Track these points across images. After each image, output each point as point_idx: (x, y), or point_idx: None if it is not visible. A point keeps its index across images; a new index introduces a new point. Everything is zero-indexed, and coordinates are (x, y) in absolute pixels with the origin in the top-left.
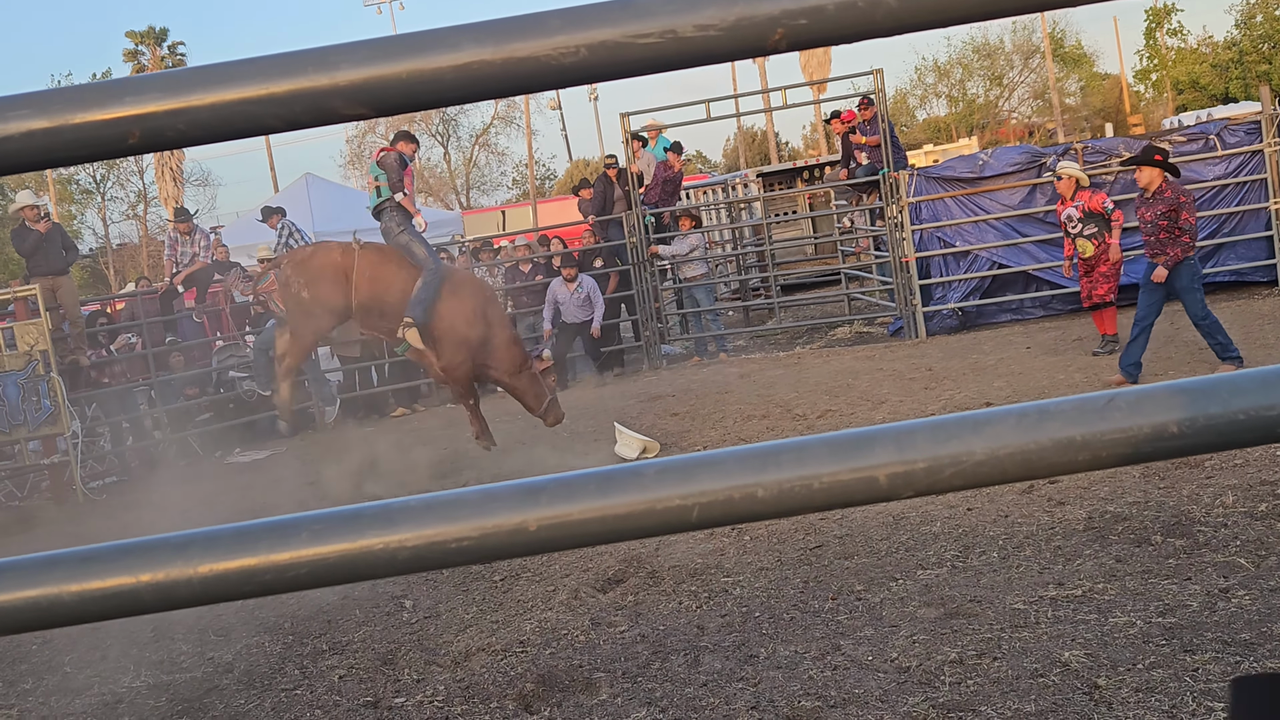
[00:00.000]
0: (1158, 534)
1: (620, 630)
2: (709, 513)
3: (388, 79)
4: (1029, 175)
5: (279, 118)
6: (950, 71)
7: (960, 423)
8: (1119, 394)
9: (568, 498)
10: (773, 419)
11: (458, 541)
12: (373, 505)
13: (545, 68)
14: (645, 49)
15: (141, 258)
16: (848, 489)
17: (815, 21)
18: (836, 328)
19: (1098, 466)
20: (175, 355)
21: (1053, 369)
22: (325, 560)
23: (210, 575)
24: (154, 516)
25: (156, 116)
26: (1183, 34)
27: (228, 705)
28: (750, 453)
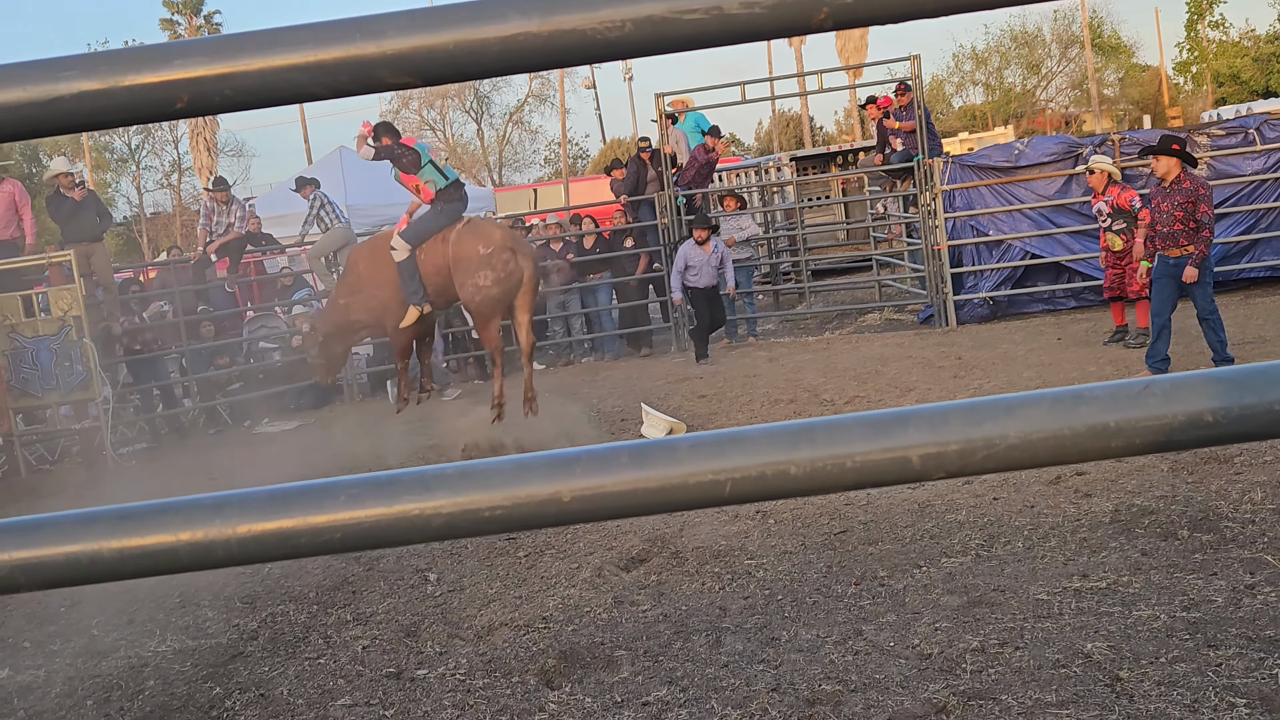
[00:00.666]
0: (1184, 528)
1: (643, 609)
2: (741, 488)
3: (434, 49)
4: (1065, 166)
5: (325, 85)
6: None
7: (994, 405)
8: (1154, 381)
9: (601, 470)
10: (800, 404)
11: (491, 510)
12: (409, 472)
13: (590, 41)
14: (690, 25)
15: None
16: (880, 468)
17: (861, 0)
18: (866, 314)
19: (1131, 453)
20: (206, 324)
21: (1083, 361)
22: (361, 525)
23: (248, 536)
24: (183, 483)
25: (204, 81)
26: (1224, 26)
27: (252, 672)
28: (784, 430)
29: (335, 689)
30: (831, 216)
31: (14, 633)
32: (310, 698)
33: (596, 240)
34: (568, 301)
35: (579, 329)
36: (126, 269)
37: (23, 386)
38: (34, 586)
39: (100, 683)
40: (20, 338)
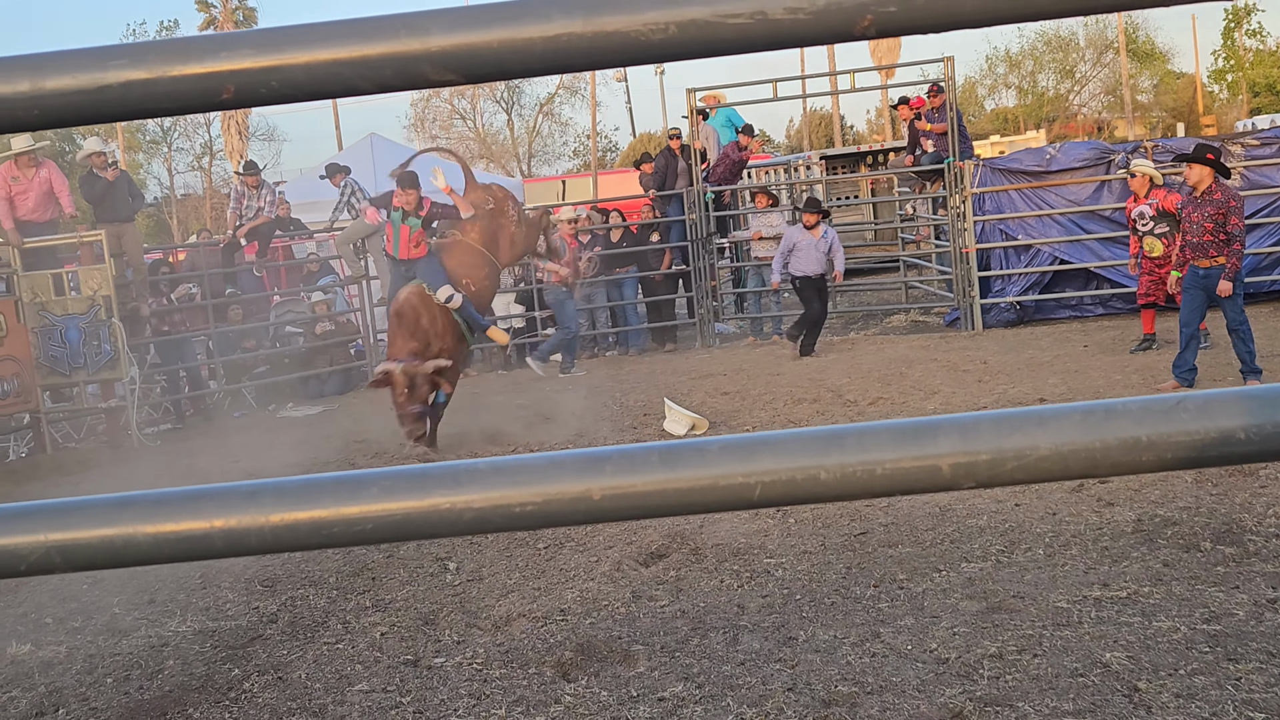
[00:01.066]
0: (1207, 540)
1: (661, 604)
2: (771, 492)
3: (478, 47)
4: (1097, 172)
5: (369, 80)
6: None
7: (1025, 417)
8: (1187, 396)
9: (631, 469)
10: (823, 403)
11: (521, 506)
12: (441, 466)
13: (634, 43)
14: (734, 29)
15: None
16: (910, 476)
17: (904, 9)
18: (892, 315)
19: (1163, 468)
20: (234, 308)
21: (1109, 369)
22: (392, 517)
23: (281, 525)
24: (207, 465)
25: (251, 73)
26: (1262, 35)
27: (270, 655)
28: (814, 435)
29: (353, 674)
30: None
31: (37, 608)
32: (328, 682)
33: (624, 234)
34: (594, 295)
35: (604, 322)
36: (156, 250)
37: (51, 364)
38: (70, 568)
39: (120, 661)
40: (50, 315)
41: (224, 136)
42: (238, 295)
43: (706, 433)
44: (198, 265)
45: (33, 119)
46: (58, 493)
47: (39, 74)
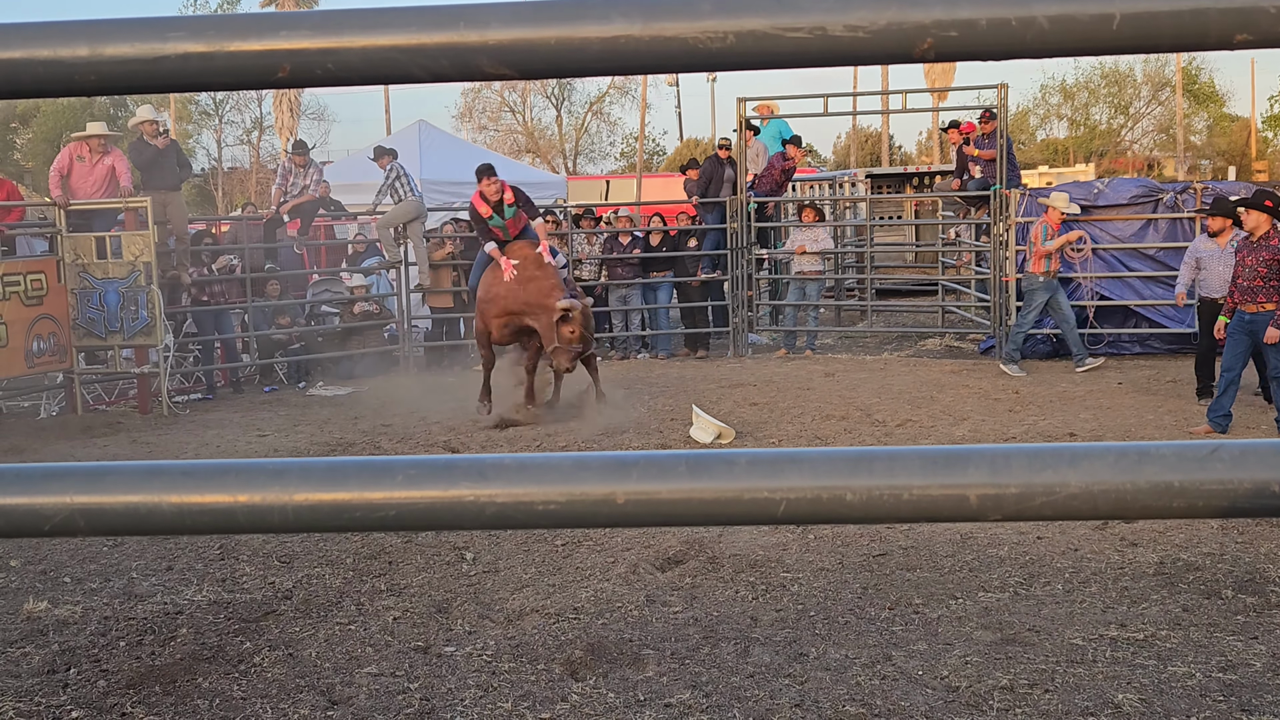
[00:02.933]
0: (1229, 588)
1: (674, 610)
2: (795, 509)
3: (535, 43)
4: (1144, 210)
5: (425, 69)
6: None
7: (1057, 453)
8: (1223, 445)
9: (658, 476)
10: (851, 421)
11: (545, 504)
12: (467, 458)
13: (691, 50)
14: (793, 43)
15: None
16: (936, 504)
17: (965, 35)
18: (927, 338)
19: (1193, 515)
20: (273, 283)
21: (1142, 408)
22: (416, 505)
23: (304, 504)
24: (233, 437)
25: (308, 54)
26: None
27: (283, 630)
28: (843, 455)
29: (363, 656)
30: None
31: (56, 566)
32: (337, 663)
33: (663, 238)
34: (629, 296)
35: (637, 325)
36: (200, 220)
37: (87, 326)
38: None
39: (134, 625)
40: (90, 278)
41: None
42: (277, 271)
43: (733, 443)
44: (239, 238)
45: (90, 84)
46: (84, 454)
47: (98, 40)
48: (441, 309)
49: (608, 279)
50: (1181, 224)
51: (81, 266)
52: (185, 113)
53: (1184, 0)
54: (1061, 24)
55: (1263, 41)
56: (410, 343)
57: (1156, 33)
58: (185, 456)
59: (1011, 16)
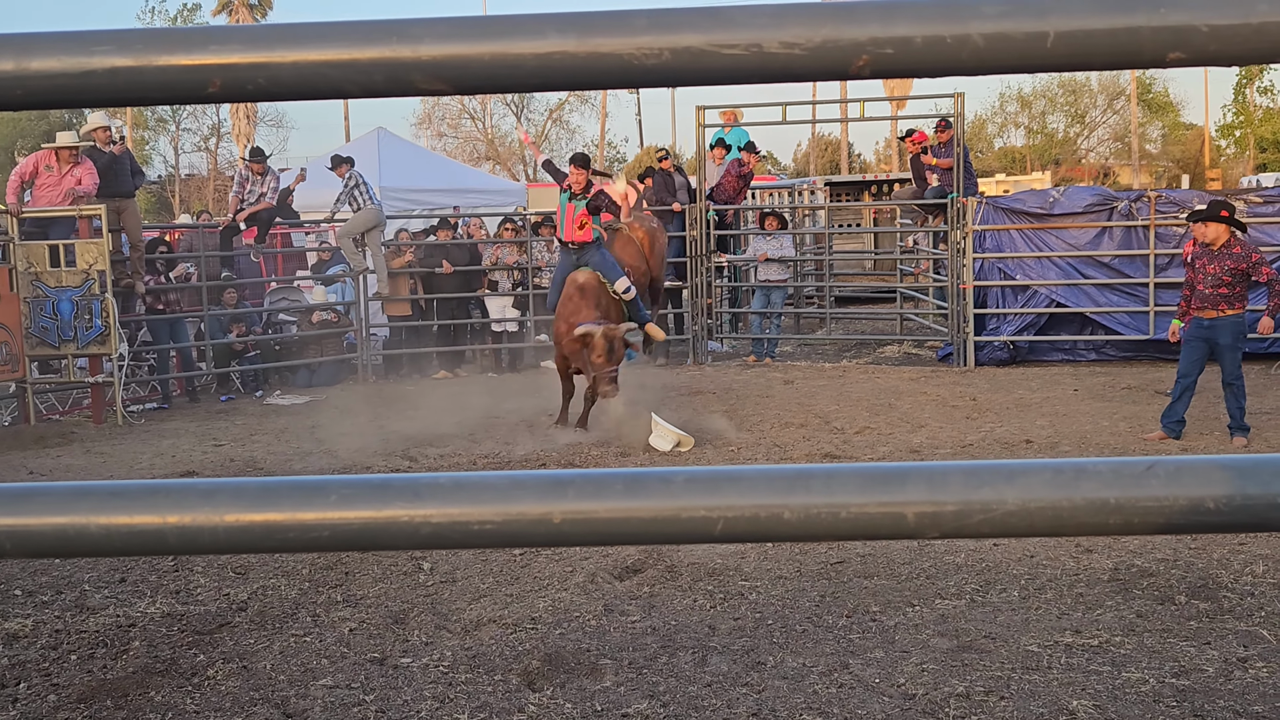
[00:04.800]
0: (1182, 594)
1: (632, 620)
2: (733, 528)
3: (469, 58)
4: (1099, 218)
5: (357, 84)
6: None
7: (994, 470)
8: (1159, 461)
9: (595, 494)
10: (810, 429)
11: (480, 524)
12: (402, 477)
13: (626, 66)
14: (728, 59)
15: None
16: (874, 522)
17: (901, 52)
18: (885, 345)
19: (1129, 532)
20: (229, 291)
21: (1097, 414)
22: (349, 525)
23: (235, 525)
24: (189, 447)
25: (239, 68)
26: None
27: (237, 642)
28: (781, 473)
29: (318, 668)
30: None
31: (6, 579)
32: (292, 675)
33: None
34: None
35: None
36: (155, 228)
37: (40, 335)
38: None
39: (86, 638)
40: (43, 286)
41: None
42: (233, 279)
43: (692, 451)
44: (196, 246)
45: (16, 99)
46: (37, 464)
47: (24, 54)
48: (400, 317)
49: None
50: (1136, 232)
51: (34, 275)
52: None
53: (1117, 19)
54: (996, 42)
55: (1195, 60)
56: (369, 351)
57: (1090, 51)
58: (139, 467)
59: (947, 34)
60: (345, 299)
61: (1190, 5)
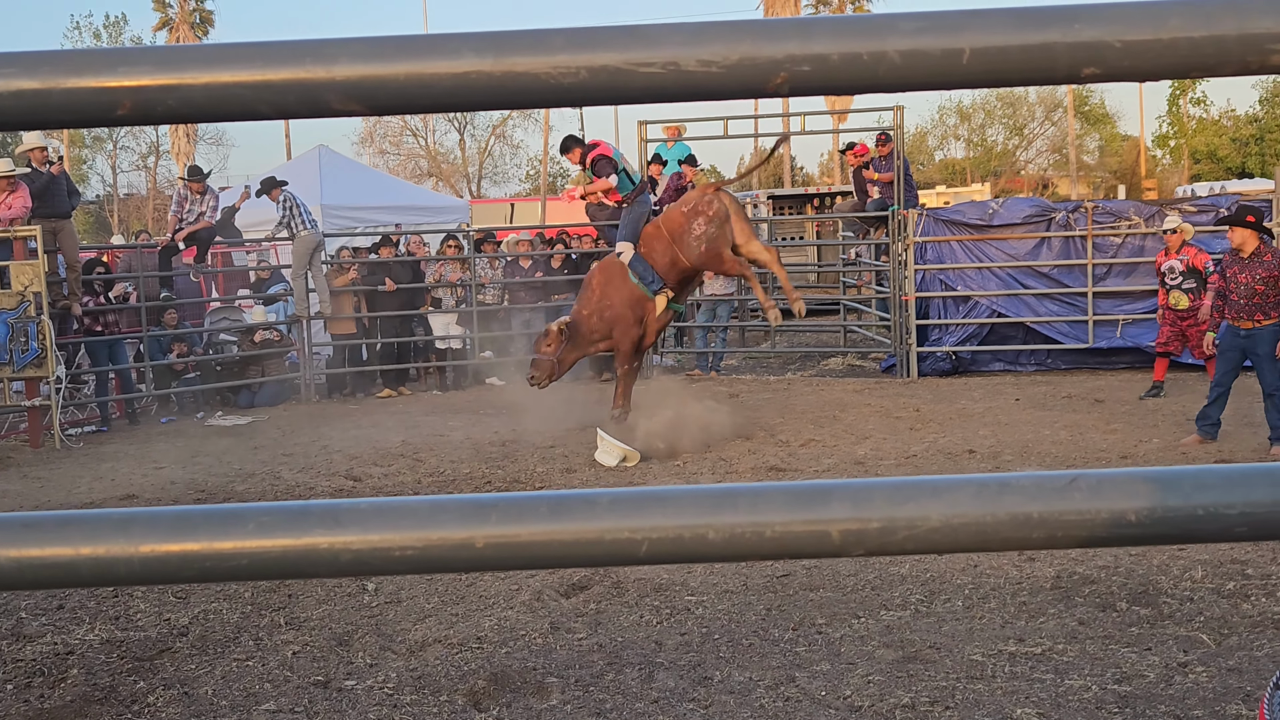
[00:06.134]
0: (1123, 600)
1: (579, 637)
2: (658, 549)
3: (384, 79)
4: (1038, 228)
5: (271, 105)
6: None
7: (919, 486)
8: (1081, 475)
9: (518, 518)
10: (756, 441)
11: (402, 550)
12: (321, 504)
13: (543, 85)
14: (646, 78)
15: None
16: (799, 541)
17: (818, 69)
18: (830, 358)
19: (1053, 546)
20: (170, 312)
21: (1039, 423)
22: (268, 554)
23: (151, 556)
24: (128, 469)
25: (149, 90)
26: (1206, 104)
27: (178, 668)
28: (705, 493)
29: (261, 693)
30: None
31: None
32: (234, 700)
33: (565, 260)
34: (533, 320)
35: None
36: (92, 249)
37: None
38: None
39: (23, 667)
40: None
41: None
42: (173, 299)
43: (637, 466)
44: (135, 267)
45: None
46: None
47: None
48: (343, 335)
49: (510, 303)
50: (1074, 242)
51: None
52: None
53: (1032, 35)
54: (912, 59)
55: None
56: (312, 370)
57: (1005, 67)
58: (78, 491)
59: (863, 51)
60: (287, 315)
61: (1103, 21)
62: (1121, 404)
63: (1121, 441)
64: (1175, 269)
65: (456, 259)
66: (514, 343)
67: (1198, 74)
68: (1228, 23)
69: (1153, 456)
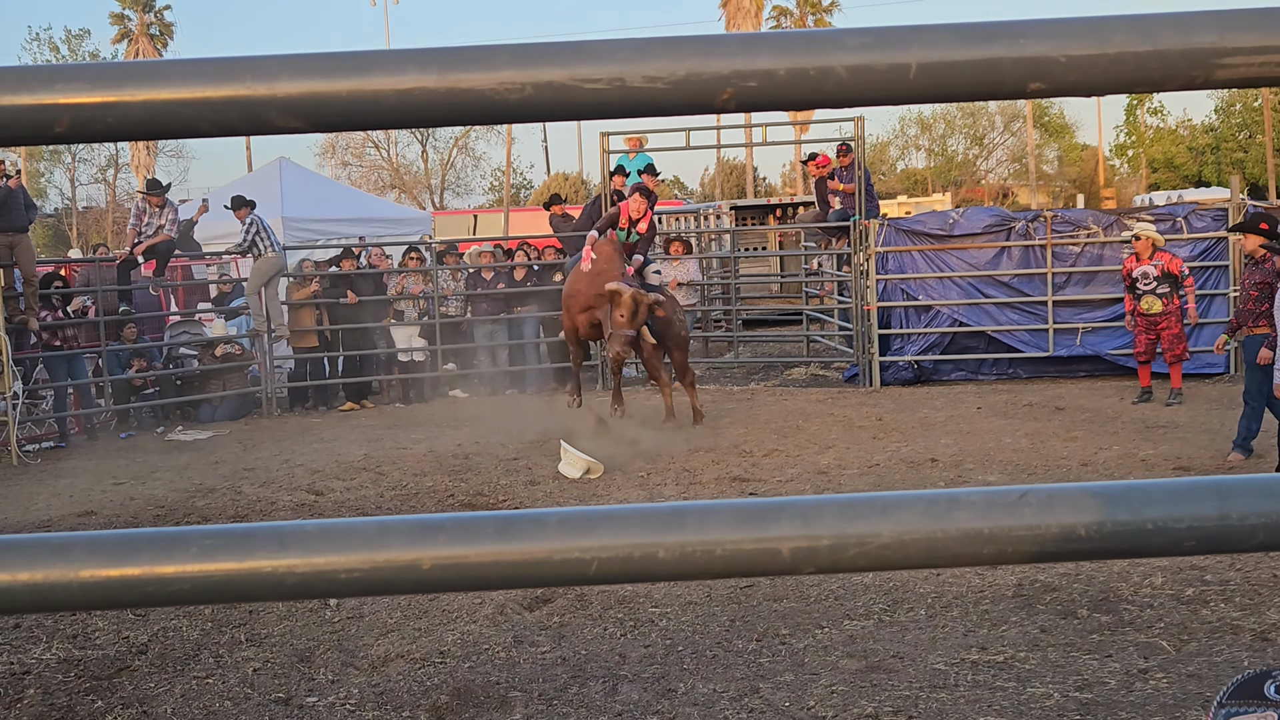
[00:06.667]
0: (1084, 607)
1: (542, 650)
2: (607, 569)
3: (326, 95)
4: (998, 238)
5: (211, 122)
6: (933, 126)
7: (869, 503)
8: (1031, 490)
9: (465, 539)
10: (719, 453)
11: (347, 572)
12: (266, 526)
13: (488, 101)
14: (591, 94)
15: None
16: (750, 559)
17: (765, 85)
18: (793, 368)
19: (1004, 561)
20: (129, 326)
21: (1000, 432)
22: (211, 578)
23: (91, 581)
24: (87, 486)
25: (87, 108)
26: (1163, 114)
27: (137, 687)
28: (655, 511)
29: (221, 711)
30: (766, 268)
31: None
32: (194, 719)
33: (528, 272)
34: (495, 332)
35: (505, 360)
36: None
37: None
38: None
39: None
40: None
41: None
42: (132, 313)
43: (601, 478)
44: (93, 280)
45: None
46: None
47: None
48: (305, 348)
49: (473, 314)
50: (1034, 251)
51: None
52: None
53: (978, 50)
54: (859, 74)
55: (1055, 90)
56: (273, 383)
57: (952, 82)
58: (36, 508)
59: (810, 66)
60: (247, 328)
61: (1049, 36)
62: (1082, 411)
63: (1082, 449)
64: (1149, 274)
65: (419, 271)
66: (477, 355)
67: (1143, 89)
68: (1171, 38)
69: (1112, 464)
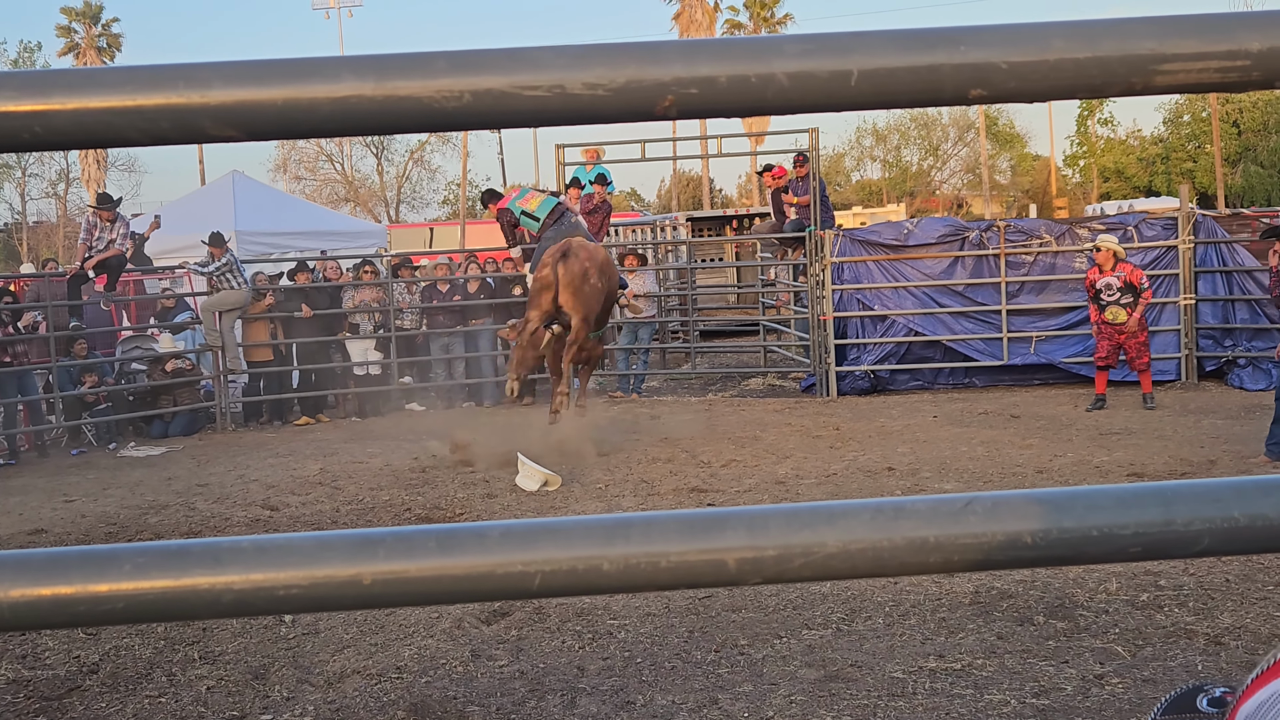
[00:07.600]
0: (1040, 614)
1: (500, 664)
2: (551, 582)
3: (261, 103)
4: (952, 248)
5: (142, 131)
6: (888, 137)
7: (814, 512)
8: (976, 498)
9: (406, 553)
10: (677, 463)
11: (286, 589)
12: (201, 543)
13: (426, 109)
14: (531, 101)
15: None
16: (695, 570)
17: (706, 92)
18: (750, 378)
19: (950, 570)
20: (79, 342)
21: (956, 440)
22: (145, 596)
23: (20, 601)
24: (38, 504)
25: (12, 117)
26: (1113, 124)
27: (88, 707)
28: (599, 524)
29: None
30: (723, 279)
31: None
32: None
33: (482, 285)
34: (451, 345)
35: (461, 373)
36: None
37: None
38: None
39: None
40: None
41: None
42: (83, 329)
43: (559, 489)
44: (43, 296)
45: None
46: None
47: None
48: (259, 362)
49: (429, 327)
50: (987, 260)
51: None
52: None
53: (919, 56)
54: (801, 80)
55: (996, 97)
56: (227, 398)
57: (894, 89)
58: None
59: (751, 73)
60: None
61: (989, 43)
62: (1037, 419)
63: (1037, 456)
64: (1113, 285)
65: (373, 284)
66: (432, 368)
67: (1084, 95)
68: (1111, 44)
69: (1067, 470)
